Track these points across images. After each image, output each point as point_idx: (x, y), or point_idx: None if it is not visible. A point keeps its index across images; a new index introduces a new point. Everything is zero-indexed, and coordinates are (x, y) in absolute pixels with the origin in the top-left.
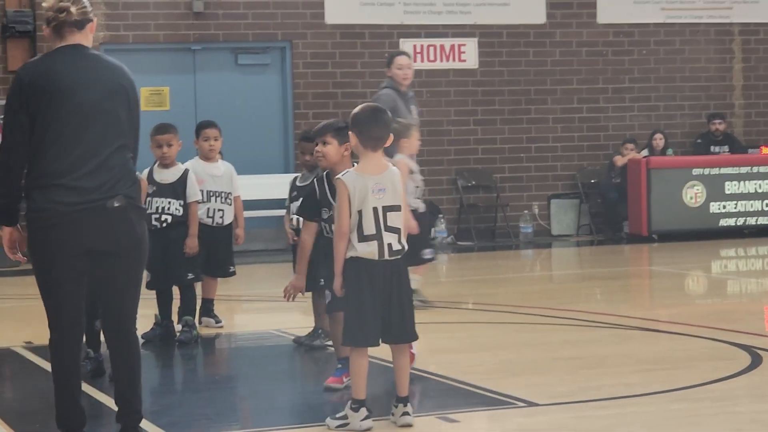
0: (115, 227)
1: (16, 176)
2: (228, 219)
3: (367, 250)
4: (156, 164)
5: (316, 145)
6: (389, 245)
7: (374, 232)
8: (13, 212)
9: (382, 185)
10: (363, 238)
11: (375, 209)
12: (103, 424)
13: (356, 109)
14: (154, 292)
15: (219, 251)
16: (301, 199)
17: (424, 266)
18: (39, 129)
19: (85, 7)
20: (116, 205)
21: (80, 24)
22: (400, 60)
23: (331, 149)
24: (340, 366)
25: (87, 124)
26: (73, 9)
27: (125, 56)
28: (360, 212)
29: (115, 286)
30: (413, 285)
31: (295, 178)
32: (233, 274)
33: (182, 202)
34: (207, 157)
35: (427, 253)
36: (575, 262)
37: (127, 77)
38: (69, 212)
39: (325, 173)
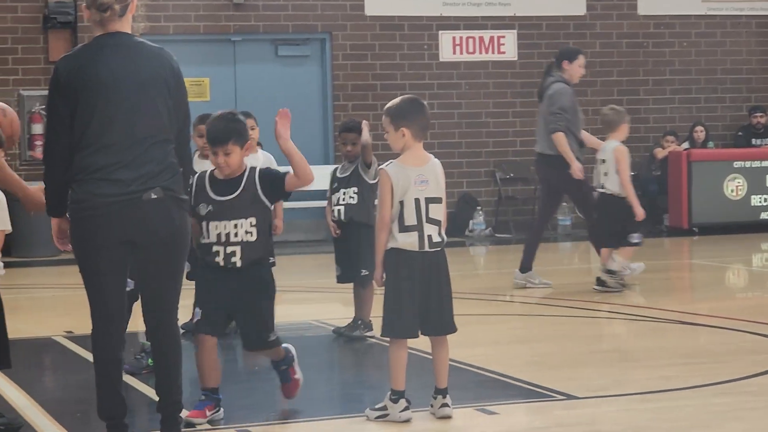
0: (153, 219)
1: (59, 170)
2: None
3: (408, 241)
4: (196, 154)
5: (216, 155)
6: (429, 237)
7: (415, 223)
8: (58, 204)
9: (424, 177)
10: (404, 228)
11: (417, 200)
12: (143, 414)
13: (398, 102)
14: (193, 282)
15: None
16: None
17: (629, 249)
18: (78, 124)
19: None
20: (153, 197)
21: (121, 11)
22: (583, 59)
23: (234, 158)
24: (203, 397)
25: (123, 117)
26: (117, 6)
27: (165, 47)
28: (401, 203)
29: (154, 277)
30: (614, 266)
31: (336, 169)
32: (273, 265)
33: None
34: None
35: (635, 237)
36: None
37: (167, 65)
38: (106, 204)
39: (210, 171)
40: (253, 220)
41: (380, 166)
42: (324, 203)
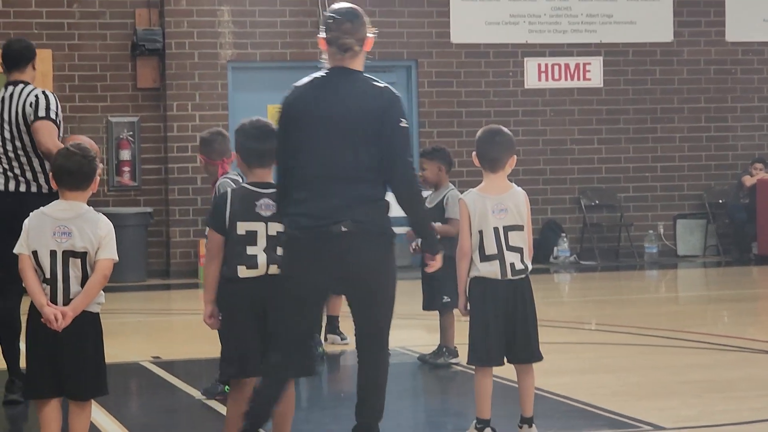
0: (347, 252)
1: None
2: None
3: (490, 270)
4: None
5: None
6: (512, 265)
7: (495, 251)
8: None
9: (503, 205)
10: (485, 258)
11: (495, 229)
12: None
13: (479, 132)
14: None
15: None
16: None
17: None
18: (288, 154)
19: (364, 34)
20: (343, 229)
21: (359, 51)
22: None
23: None
24: None
25: (325, 151)
26: (357, 48)
27: (252, 74)
28: (480, 232)
29: (359, 307)
30: None
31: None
32: None
33: None
34: None
35: None
36: (701, 284)
37: (381, 101)
38: (304, 235)
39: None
40: None
41: (459, 196)
42: (406, 229)
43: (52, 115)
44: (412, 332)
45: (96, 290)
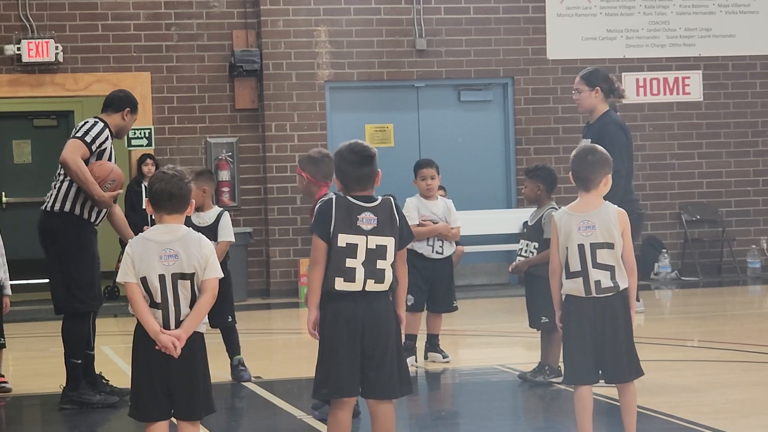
0: None
1: None
2: (447, 252)
3: (573, 287)
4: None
5: None
6: (597, 282)
7: (579, 268)
8: None
9: (590, 222)
10: (569, 275)
11: (581, 246)
12: None
13: (574, 150)
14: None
15: (442, 285)
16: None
17: None
18: None
19: None
20: None
21: None
22: None
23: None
24: None
25: None
26: None
27: (350, 94)
28: (567, 249)
29: None
30: None
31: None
32: (456, 308)
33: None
34: (425, 196)
35: None
36: None
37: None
38: None
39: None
40: None
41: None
42: (505, 246)
43: (87, 138)
44: (511, 350)
45: (206, 310)
